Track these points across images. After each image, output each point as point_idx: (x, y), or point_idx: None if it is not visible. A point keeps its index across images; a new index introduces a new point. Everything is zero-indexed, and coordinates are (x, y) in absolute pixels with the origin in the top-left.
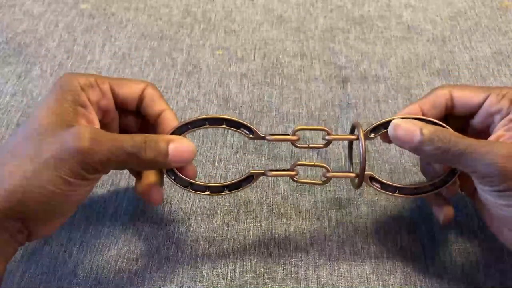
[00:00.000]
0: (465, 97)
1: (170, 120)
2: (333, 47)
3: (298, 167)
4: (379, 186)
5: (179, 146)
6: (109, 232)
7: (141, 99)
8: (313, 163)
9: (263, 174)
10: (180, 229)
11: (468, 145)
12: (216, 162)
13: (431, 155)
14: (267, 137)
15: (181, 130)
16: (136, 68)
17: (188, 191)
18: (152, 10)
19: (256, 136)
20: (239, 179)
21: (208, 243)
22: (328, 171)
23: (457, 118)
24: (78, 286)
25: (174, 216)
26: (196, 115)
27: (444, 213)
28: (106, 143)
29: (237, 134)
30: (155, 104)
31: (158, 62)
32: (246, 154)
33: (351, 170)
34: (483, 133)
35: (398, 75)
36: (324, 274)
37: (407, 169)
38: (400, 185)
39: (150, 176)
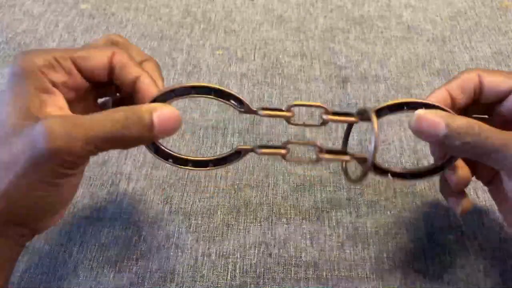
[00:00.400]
0: (496, 82)
1: (148, 86)
2: (333, 47)
3: (290, 145)
4: (378, 171)
5: (162, 114)
6: (109, 232)
7: (111, 68)
8: (302, 142)
9: (252, 150)
10: (180, 229)
11: (501, 140)
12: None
13: (459, 150)
14: (259, 112)
15: (164, 97)
16: None
17: (169, 163)
18: (152, 10)
19: (247, 110)
20: (225, 154)
21: (208, 243)
22: (320, 151)
23: (484, 104)
24: (78, 286)
25: (174, 216)
26: (196, 115)
27: (462, 204)
28: (81, 134)
29: (237, 134)
30: (127, 72)
31: (158, 62)
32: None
33: (346, 152)
34: (510, 119)
35: (398, 75)
36: (324, 274)
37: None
38: (393, 169)
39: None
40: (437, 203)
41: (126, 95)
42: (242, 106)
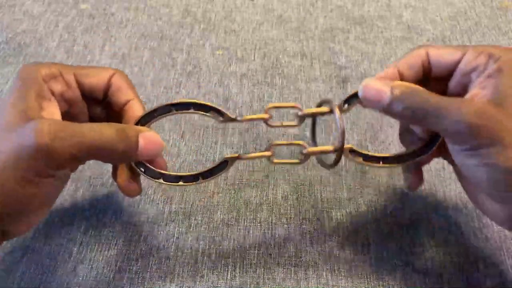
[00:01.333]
0: (441, 55)
1: (137, 111)
2: (333, 47)
3: (275, 147)
4: (361, 158)
5: (147, 137)
6: (109, 232)
7: (107, 87)
8: (289, 142)
9: (238, 157)
10: (180, 229)
11: (438, 103)
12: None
13: (402, 115)
14: (238, 118)
15: (147, 118)
16: (136, 68)
17: (160, 183)
18: (152, 10)
19: (227, 119)
20: (212, 166)
21: (208, 243)
22: (305, 148)
23: (437, 81)
24: (78, 286)
25: (174, 216)
26: (196, 115)
27: (410, 180)
28: (69, 137)
29: (237, 134)
30: (121, 93)
31: (158, 62)
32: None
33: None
34: (462, 94)
35: None
36: (324, 274)
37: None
38: (382, 155)
39: (124, 169)
40: (437, 204)
41: (115, 114)
42: (222, 116)
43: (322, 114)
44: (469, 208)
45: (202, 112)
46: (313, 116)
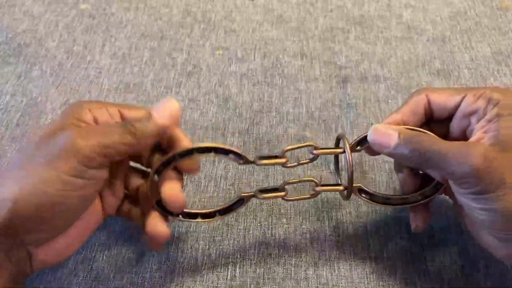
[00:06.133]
0: (442, 99)
1: (183, 138)
2: (333, 47)
3: (288, 186)
4: (368, 197)
5: (158, 104)
6: (109, 232)
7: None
8: (299, 180)
9: (254, 196)
10: (180, 229)
11: (443, 147)
12: (216, 162)
13: (408, 159)
14: (257, 162)
15: (169, 160)
16: (136, 68)
17: (180, 220)
18: (152, 10)
19: (246, 161)
20: (230, 203)
21: (208, 243)
22: (316, 185)
23: (439, 124)
24: (78, 286)
25: None
26: (196, 115)
27: (416, 223)
28: (92, 135)
29: (237, 135)
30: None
31: (158, 62)
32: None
33: (340, 183)
34: (462, 136)
35: (398, 75)
36: (324, 274)
37: None
38: (388, 196)
39: (154, 217)
40: (436, 203)
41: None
42: (241, 159)
43: (336, 153)
44: None
45: (223, 155)
46: (327, 155)
